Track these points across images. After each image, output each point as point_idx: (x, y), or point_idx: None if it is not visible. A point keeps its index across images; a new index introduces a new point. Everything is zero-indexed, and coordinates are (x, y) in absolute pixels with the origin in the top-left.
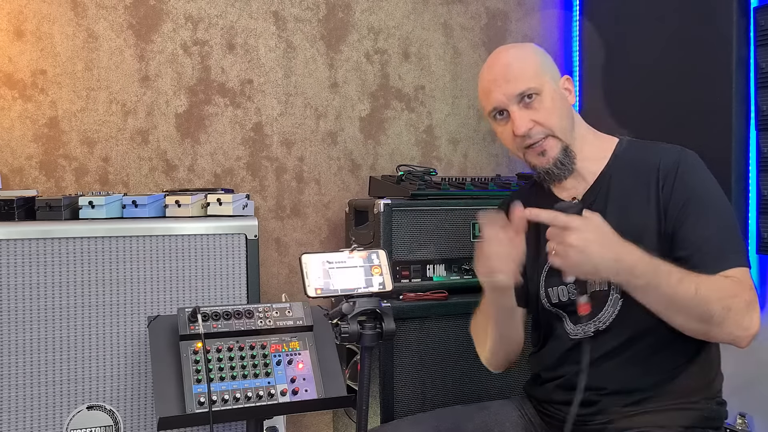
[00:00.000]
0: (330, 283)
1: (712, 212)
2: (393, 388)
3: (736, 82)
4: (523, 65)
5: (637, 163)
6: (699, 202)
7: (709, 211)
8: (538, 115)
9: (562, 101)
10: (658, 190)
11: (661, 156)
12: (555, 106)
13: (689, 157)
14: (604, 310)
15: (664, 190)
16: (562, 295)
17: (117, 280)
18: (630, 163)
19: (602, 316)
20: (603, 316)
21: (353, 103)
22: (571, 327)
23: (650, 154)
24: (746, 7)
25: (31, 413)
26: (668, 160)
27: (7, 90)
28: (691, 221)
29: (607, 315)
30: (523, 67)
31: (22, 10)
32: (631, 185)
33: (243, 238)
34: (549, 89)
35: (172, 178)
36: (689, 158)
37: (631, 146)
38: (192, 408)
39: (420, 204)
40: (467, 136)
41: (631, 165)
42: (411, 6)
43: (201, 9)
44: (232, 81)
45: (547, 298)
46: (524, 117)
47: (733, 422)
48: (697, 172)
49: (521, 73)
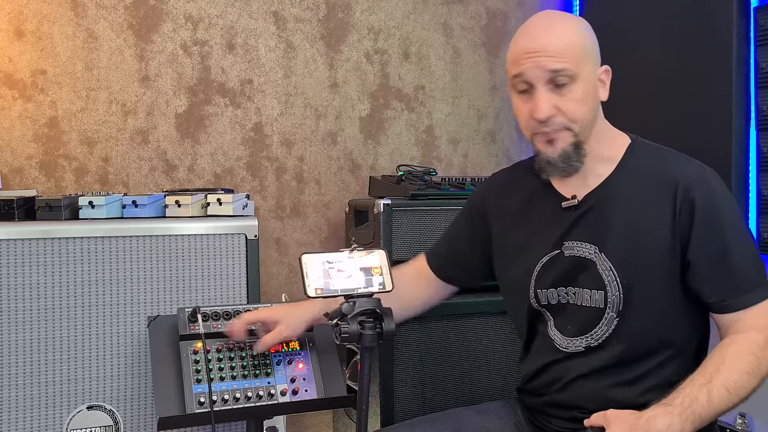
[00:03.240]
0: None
1: (739, 247)
2: (393, 388)
3: (736, 82)
4: (569, 41)
5: (651, 172)
6: (723, 238)
7: (736, 247)
8: (565, 104)
9: (594, 94)
10: (675, 208)
11: (681, 172)
12: (587, 98)
13: (712, 183)
14: (598, 328)
15: (683, 214)
16: (552, 298)
17: (117, 280)
18: (643, 171)
19: (595, 333)
20: (596, 333)
21: (353, 103)
22: (558, 335)
23: (668, 166)
24: (746, 7)
25: (31, 413)
26: (689, 181)
27: (7, 90)
28: (716, 258)
29: (601, 332)
30: (567, 43)
31: (22, 10)
32: (644, 195)
33: (243, 238)
34: (585, 77)
35: (172, 178)
36: (711, 184)
37: (644, 151)
38: (192, 408)
39: (420, 204)
40: (467, 136)
41: (645, 173)
42: (411, 6)
43: (201, 9)
44: (232, 81)
45: (536, 298)
46: (549, 101)
47: (733, 422)
48: (721, 201)
49: (561, 50)
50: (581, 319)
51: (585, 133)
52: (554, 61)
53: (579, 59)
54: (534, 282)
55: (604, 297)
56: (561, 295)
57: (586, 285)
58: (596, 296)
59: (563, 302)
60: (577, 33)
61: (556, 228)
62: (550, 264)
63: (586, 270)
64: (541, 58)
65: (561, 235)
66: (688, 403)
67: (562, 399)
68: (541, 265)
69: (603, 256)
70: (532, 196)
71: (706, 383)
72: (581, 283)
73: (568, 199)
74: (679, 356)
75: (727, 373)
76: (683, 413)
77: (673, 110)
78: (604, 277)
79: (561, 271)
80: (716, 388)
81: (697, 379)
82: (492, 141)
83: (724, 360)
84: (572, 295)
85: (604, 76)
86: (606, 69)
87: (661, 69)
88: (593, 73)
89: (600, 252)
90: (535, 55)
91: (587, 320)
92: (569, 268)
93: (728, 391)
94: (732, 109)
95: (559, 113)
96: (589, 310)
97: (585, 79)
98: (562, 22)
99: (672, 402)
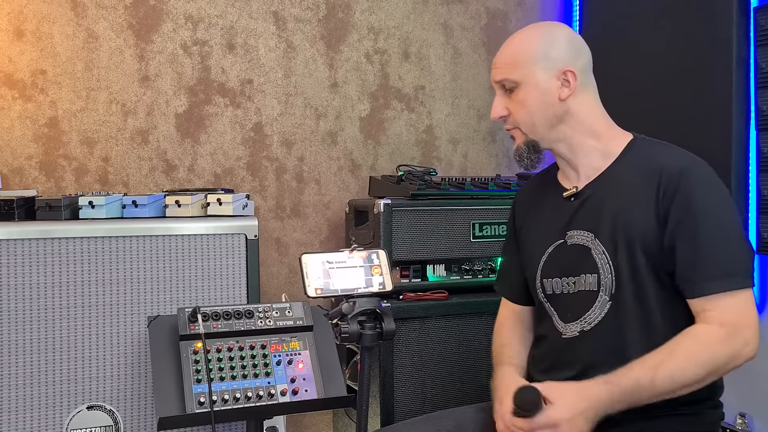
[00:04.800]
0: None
1: (710, 232)
2: (393, 388)
3: (736, 82)
4: (513, 53)
5: (643, 162)
6: (696, 221)
7: (707, 231)
8: (513, 107)
9: (541, 97)
10: (658, 195)
11: (667, 160)
12: (528, 101)
13: (695, 169)
14: (591, 311)
15: (664, 200)
16: (556, 287)
17: (117, 280)
18: (637, 162)
19: (588, 316)
20: (589, 316)
21: (353, 103)
22: (561, 325)
23: (658, 154)
24: (746, 7)
25: (31, 413)
26: (673, 168)
27: (7, 90)
28: (685, 240)
29: (594, 316)
30: (512, 55)
31: (22, 10)
32: (634, 184)
33: (243, 238)
34: (530, 83)
35: (172, 178)
36: (695, 170)
37: (643, 145)
38: (192, 408)
39: (420, 204)
40: (467, 136)
41: (638, 164)
42: (411, 6)
43: (201, 9)
44: (232, 81)
45: (541, 288)
46: (500, 104)
47: (733, 422)
48: (701, 188)
49: (507, 61)
50: (579, 304)
51: (537, 133)
52: (498, 71)
53: (523, 66)
54: (540, 272)
55: (597, 280)
56: (564, 285)
57: (583, 270)
58: (590, 279)
59: (565, 292)
60: (530, 42)
61: (561, 219)
62: (555, 254)
63: (584, 257)
64: (494, 69)
65: (564, 225)
66: (630, 386)
67: None
68: (547, 255)
69: (597, 242)
70: (543, 192)
71: (653, 368)
72: (580, 270)
73: (569, 190)
74: None
75: (677, 362)
76: (624, 394)
77: (673, 110)
78: (598, 260)
79: (565, 260)
80: (661, 374)
81: (647, 362)
82: (492, 141)
83: (679, 349)
84: (573, 284)
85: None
86: (568, 70)
87: (661, 69)
88: (545, 76)
89: (595, 238)
90: (493, 66)
91: (583, 304)
92: (572, 257)
93: (672, 379)
94: (732, 109)
95: (509, 114)
96: (586, 294)
97: (530, 85)
98: (523, 34)
99: (617, 381)
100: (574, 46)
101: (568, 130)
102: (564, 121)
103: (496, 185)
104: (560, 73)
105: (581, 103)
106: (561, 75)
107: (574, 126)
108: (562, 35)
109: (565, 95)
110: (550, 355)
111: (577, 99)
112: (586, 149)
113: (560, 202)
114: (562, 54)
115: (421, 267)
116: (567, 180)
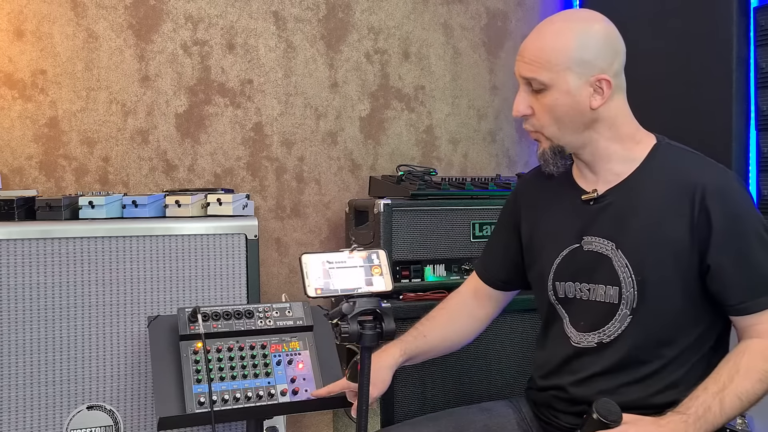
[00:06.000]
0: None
1: (757, 250)
2: (393, 388)
3: (736, 82)
4: (545, 51)
5: (670, 173)
6: (743, 240)
7: (755, 250)
8: (537, 107)
9: (571, 104)
10: (693, 213)
11: (700, 177)
12: (556, 108)
13: (730, 184)
14: (611, 324)
15: (701, 219)
16: (569, 291)
17: (117, 280)
18: (662, 172)
19: (608, 329)
20: (609, 330)
21: (353, 103)
22: (573, 331)
23: (689, 169)
24: (746, 7)
25: (31, 413)
26: (707, 185)
27: (7, 90)
28: (734, 260)
29: (614, 329)
30: (543, 52)
31: (22, 10)
32: (662, 196)
33: (243, 238)
34: (561, 89)
35: (172, 178)
36: (730, 186)
37: (667, 152)
38: (192, 408)
39: (420, 204)
40: (467, 136)
41: (664, 174)
42: (411, 6)
43: (201, 9)
44: (232, 81)
45: (553, 291)
46: (524, 101)
47: (733, 422)
48: (740, 205)
49: (536, 58)
50: (595, 314)
51: (562, 139)
52: (525, 68)
53: (555, 67)
54: (553, 274)
55: (619, 293)
56: (577, 290)
57: (602, 281)
58: (611, 292)
59: (579, 297)
60: (561, 41)
61: (577, 222)
62: (570, 257)
63: (602, 265)
64: (521, 62)
65: (581, 229)
66: (701, 413)
67: (572, 394)
68: (561, 258)
69: (620, 253)
70: (556, 190)
71: (719, 392)
72: (597, 278)
73: (588, 193)
74: (692, 357)
75: (740, 382)
76: (697, 422)
77: (673, 110)
78: (620, 273)
79: (579, 265)
80: (729, 396)
81: (710, 387)
82: (492, 141)
83: (738, 368)
84: (587, 291)
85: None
86: (603, 78)
87: (661, 69)
88: (577, 81)
89: (617, 249)
90: (519, 58)
91: (601, 316)
92: (587, 263)
93: (740, 400)
94: (732, 109)
95: (532, 114)
96: (603, 306)
97: (560, 90)
98: (556, 26)
99: (687, 411)
100: (611, 46)
101: (594, 135)
102: (591, 128)
103: (496, 185)
104: (594, 80)
105: (611, 109)
106: (595, 82)
107: (602, 131)
108: (598, 33)
109: (597, 104)
110: (554, 360)
111: (609, 105)
112: (609, 154)
113: (578, 204)
114: (598, 58)
115: (421, 267)
116: (585, 181)
